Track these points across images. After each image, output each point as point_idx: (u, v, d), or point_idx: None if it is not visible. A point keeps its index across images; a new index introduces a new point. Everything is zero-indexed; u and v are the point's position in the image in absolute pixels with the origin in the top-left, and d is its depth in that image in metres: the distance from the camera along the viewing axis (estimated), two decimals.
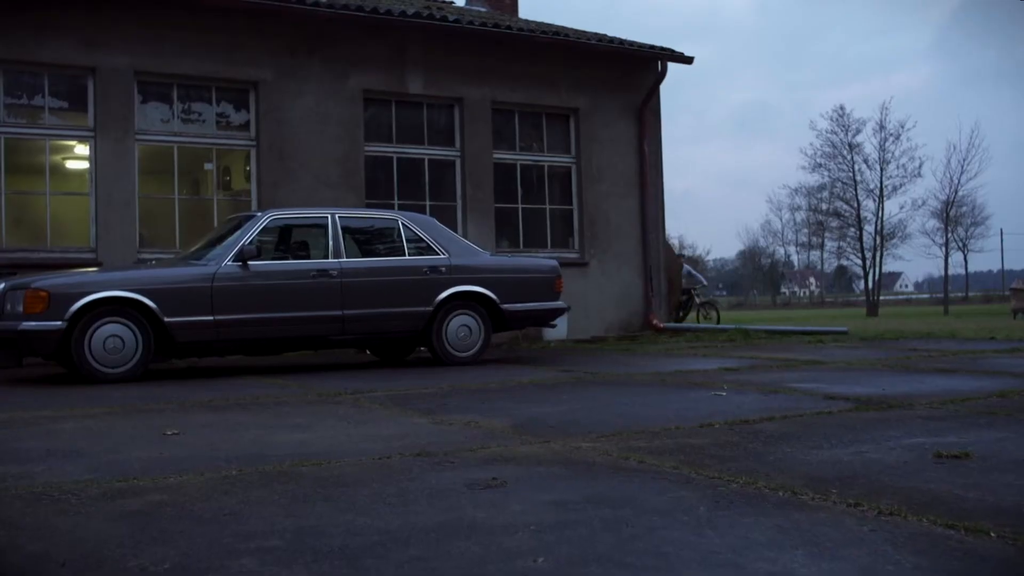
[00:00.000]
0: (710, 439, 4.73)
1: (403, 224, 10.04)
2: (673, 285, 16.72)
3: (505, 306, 10.11)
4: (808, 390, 6.92)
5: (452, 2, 20.02)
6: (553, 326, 10.99)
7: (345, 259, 9.54)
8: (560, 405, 6.36)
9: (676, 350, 12.09)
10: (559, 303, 10.60)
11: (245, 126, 12.76)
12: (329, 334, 9.45)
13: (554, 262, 10.84)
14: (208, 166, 12.90)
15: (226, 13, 12.32)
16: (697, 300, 20.29)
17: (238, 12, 12.34)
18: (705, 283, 23.05)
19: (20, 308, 8.37)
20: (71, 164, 12.34)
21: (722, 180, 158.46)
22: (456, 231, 13.83)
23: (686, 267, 20.46)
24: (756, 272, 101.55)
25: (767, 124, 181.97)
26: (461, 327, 9.95)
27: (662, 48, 15.25)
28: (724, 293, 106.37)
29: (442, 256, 9.97)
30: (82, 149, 12.10)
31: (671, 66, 15.25)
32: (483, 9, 18.68)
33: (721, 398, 6.57)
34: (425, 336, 9.86)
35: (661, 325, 14.99)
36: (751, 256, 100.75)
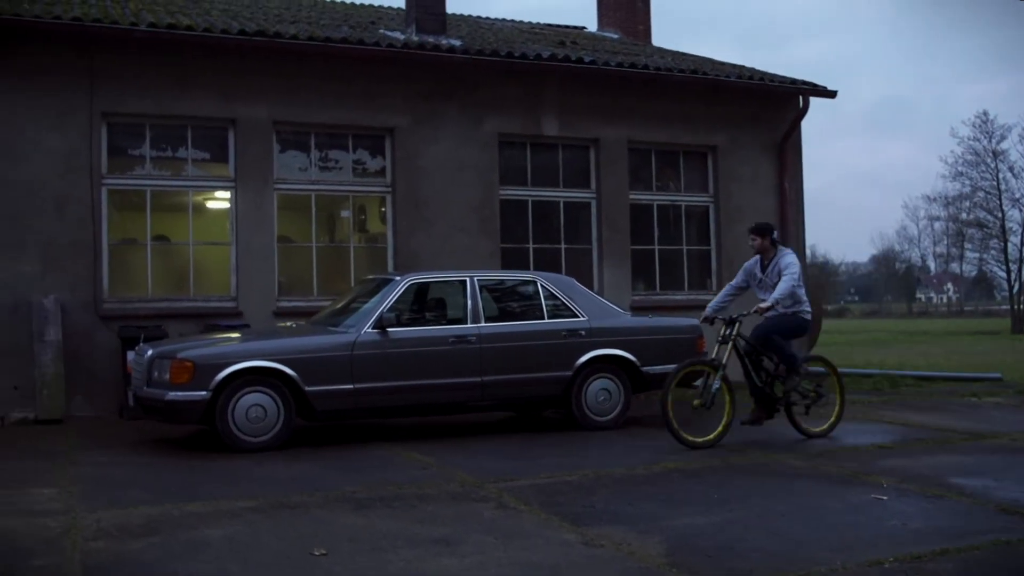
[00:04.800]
0: None
1: (541, 285, 9.86)
2: (815, 328, 16.13)
3: (646, 369, 9.84)
4: (977, 495, 6.46)
5: (584, 28, 19.85)
6: (694, 387, 10.63)
7: (484, 324, 9.40)
8: (712, 512, 6.06)
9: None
10: None
11: (381, 172, 12.77)
12: (468, 400, 9.34)
13: (695, 321, 10.48)
14: (345, 214, 12.96)
15: (361, 61, 12.34)
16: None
17: (373, 60, 12.35)
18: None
19: (167, 377, 8.48)
20: (213, 214, 12.53)
21: (854, 179, 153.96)
22: (592, 273, 13.64)
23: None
24: (890, 277, 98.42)
25: (903, 120, 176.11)
26: (601, 391, 9.72)
27: (804, 82, 14.73)
28: (856, 299, 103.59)
29: (581, 318, 9.75)
30: (223, 198, 12.27)
31: (801, 53, 14.67)
32: (615, 36, 18.40)
33: (883, 505, 6.18)
34: (564, 400, 9.67)
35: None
36: (885, 261, 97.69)
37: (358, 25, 13.84)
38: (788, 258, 9.06)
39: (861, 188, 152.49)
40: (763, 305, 8.81)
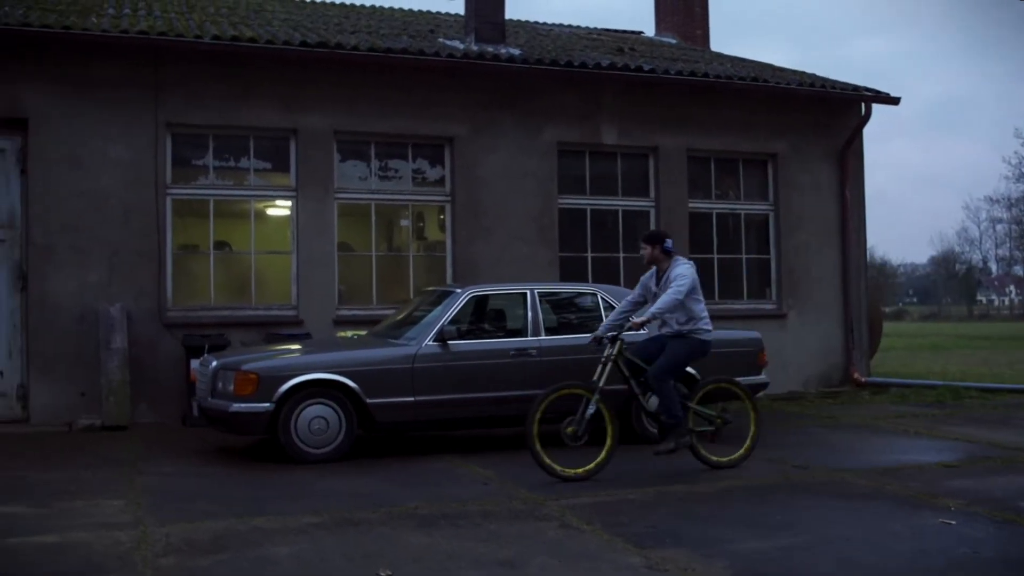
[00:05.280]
0: None
1: (601, 297, 9.85)
2: (876, 334, 15.94)
3: None
4: None
5: (641, 33, 19.78)
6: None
7: (544, 336, 9.41)
8: (777, 535, 6.01)
9: (883, 418, 11.46)
10: (762, 377, 10.19)
11: (440, 182, 12.82)
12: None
13: (757, 334, 10.43)
14: (404, 223, 13.04)
15: (421, 71, 12.40)
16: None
17: (433, 70, 12.41)
18: None
19: (231, 388, 8.60)
20: (274, 223, 12.66)
21: (913, 179, 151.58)
22: None
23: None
24: (949, 279, 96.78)
25: (964, 120, 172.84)
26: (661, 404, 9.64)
27: (866, 89, 14.54)
28: (914, 301, 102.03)
29: (642, 331, 9.68)
30: (284, 207, 12.40)
31: (859, 50, 14.47)
32: (673, 41, 18.32)
33: (951, 530, 6.08)
34: (623, 413, 9.60)
35: (863, 379, 14.30)
36: (944, 262, 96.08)
37: (417, 34, 13.91)
38: (679, 268, 8.22)
39: (920, 188, 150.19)
40: (637, 320, 8.11)
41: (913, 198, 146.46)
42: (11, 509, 6.82)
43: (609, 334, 8.22)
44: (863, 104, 14.52)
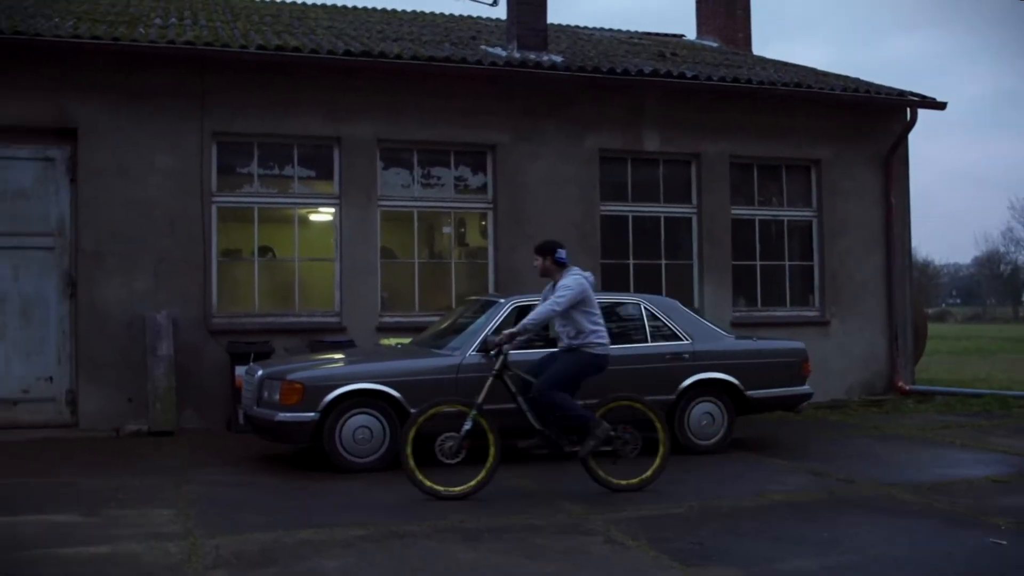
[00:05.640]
0: None
1: (645, 308, 9.83)
2: (920, 341, 15.78)
3: (750, 393, 9.75)
4: None
5: (683, 36, 19.71)
6: (799, 411, 10.52)
7: None
8: (825, 554, 5.97)
9: (928, 429, 11.35)
10: (806, 388, 10.13)
11: (482, 189, 12.86)
12: None
13: (801, 344, 10.37)
14: (446, 230, 13.09)
15: (463, 79, 12.44)
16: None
17: (475, 77, 12.45)
18: None
19: (277, 398, 8.68)
20: (317, 230, 12.76)
21: (956, 178, 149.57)
22: (692, 289, 13.56)
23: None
24: (994, 280, 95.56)
25: (1010, 118, 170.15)
26: (704, 415, 9.66)
27: (911, 93, 14.40)
28: (958, 302, 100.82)
29: (685, 341, 9.70)
30: (327, 214, 12.48)
31: (900, 47, 14.32)
32: (715, 45, 18.24)
33: (1003, 552, 6.02)
34: (668, 422, 9.59)
35: (907, 388, 14.17)
36: (988, 263, 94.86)
37: (459, 41, 13.95)
38: (567, 279, 7.92)
39: (964, 187, 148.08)
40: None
41: (956, 198, 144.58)
42: (65, 517, 6.93)
43: (493, 350, 7.96)
44: (908, 109, 14.38)
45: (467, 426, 7.67)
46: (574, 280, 7.94)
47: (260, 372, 9.01)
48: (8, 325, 11.08)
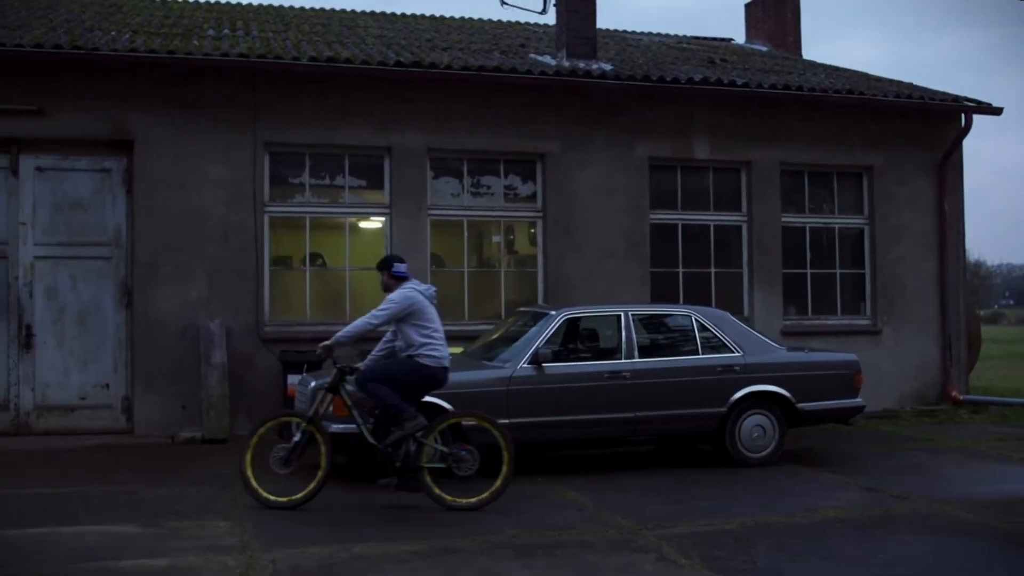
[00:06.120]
0: None
1: (696, 320, 9.80)
2: (974, 351, 15.57)
3: (801, 405, 9.68)
4: None
5: (731, 40, 19.61)
6: (850, 425, 10.43)
7: (638, 359, 9.40)
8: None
9: (984, 441, 11.20)
10: (858, 400, 10.04)
11: (532, 198, 12.88)
12: (621, 435, 9.40)
13: (853, 356, 10.28)
14: (496, 239, 13.13)
15: (512, 88, 12.47)
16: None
17: (525, 86, 12.46)
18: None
19: (330, 410, 8.72)
20: (368, 239, 12.84)
21: (1011, 176, 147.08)
22: (742, 297, 13.49)
23: None
24: None
25: None
26: (755, 427, 9.61)
27: (967, 99, 14.22)
28: (1011, 303, 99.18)
29: (736, 354, 9.65)
30: (378, 223, 12.57)
31: (953, 43, 14.15)
32: (764, 49, 18.13)
33: None
34: (717, 436, 9.59)
35: (961, 397, 13.99)
36: None
37: (508, 49, 13.99)
38: (394, 293, 8.01)
39: (1017, 186, 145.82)
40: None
41: (1010, 195, 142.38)
42: (124, 528, 7.04)
43: (337, 365, 8.02)
44: (963, 115, 14.18)
45: (296, 437, 7.82)
46: (400, 295, 8.00)
47: (313, 383, 9.08)
48: (66, 334, 11.29)
